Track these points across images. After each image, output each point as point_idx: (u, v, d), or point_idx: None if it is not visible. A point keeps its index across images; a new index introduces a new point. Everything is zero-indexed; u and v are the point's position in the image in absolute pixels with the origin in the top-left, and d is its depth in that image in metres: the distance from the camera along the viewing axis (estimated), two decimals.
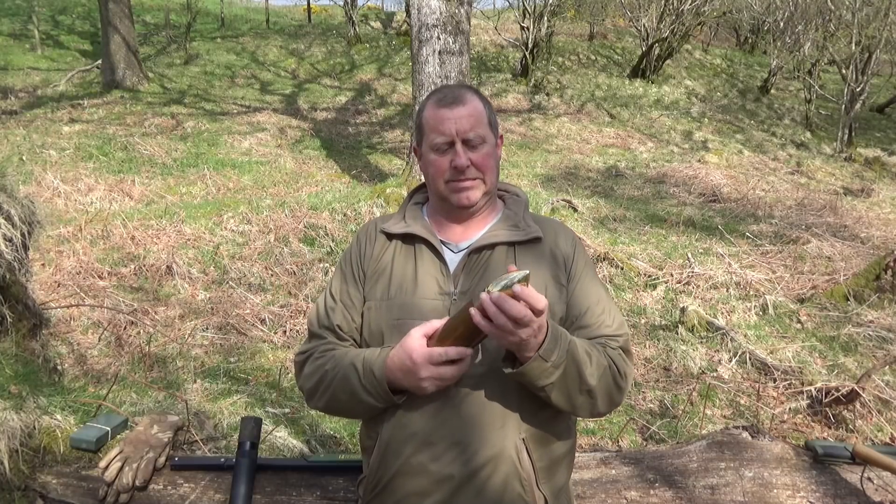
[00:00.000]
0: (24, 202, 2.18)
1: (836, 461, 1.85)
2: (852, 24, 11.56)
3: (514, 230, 1.48)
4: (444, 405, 1.36)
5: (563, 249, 1.49)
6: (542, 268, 1.45)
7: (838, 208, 7.89)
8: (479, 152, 1.44)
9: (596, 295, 1.47)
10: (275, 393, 3.49)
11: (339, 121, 11.31)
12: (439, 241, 1.47)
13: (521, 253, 1.46)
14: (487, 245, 1.45)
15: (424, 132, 1.47)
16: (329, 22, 18.09)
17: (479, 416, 1.36)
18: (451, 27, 6.67)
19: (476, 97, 1.47)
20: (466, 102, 1.44)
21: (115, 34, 10.96)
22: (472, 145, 1.43)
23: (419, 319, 1.36)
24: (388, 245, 1.51)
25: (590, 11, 16.91)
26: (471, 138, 1.43)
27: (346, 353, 1.43)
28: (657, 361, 4.18)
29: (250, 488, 1.66)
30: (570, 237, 1.54)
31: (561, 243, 1.50)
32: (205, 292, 4.70)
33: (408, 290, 1.43)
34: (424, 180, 1.55)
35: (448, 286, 1.42)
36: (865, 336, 4.44)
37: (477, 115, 1.44)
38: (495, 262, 1.44)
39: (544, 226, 1.52)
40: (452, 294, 1.41)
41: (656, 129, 12.20)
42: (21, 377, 2.01)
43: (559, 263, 1.47)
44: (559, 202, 7.12)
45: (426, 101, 1.48)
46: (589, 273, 1.50)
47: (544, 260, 1.47)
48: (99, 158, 7.85)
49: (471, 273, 1.43)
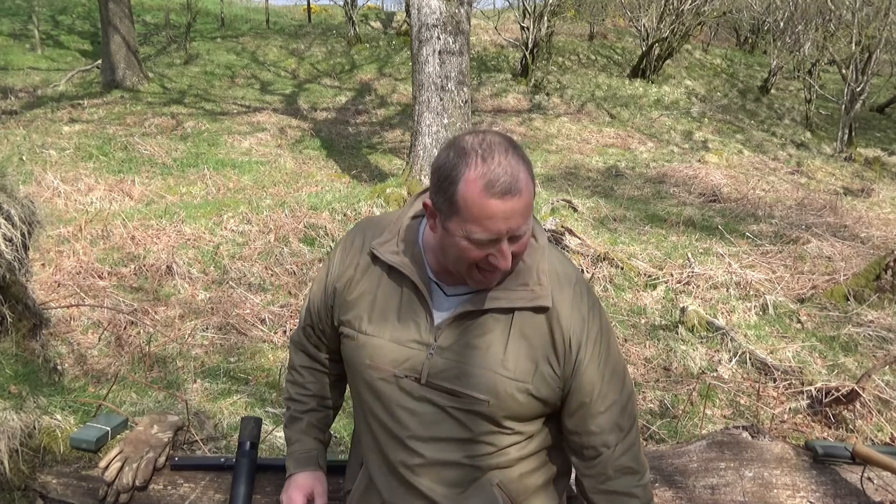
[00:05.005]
0: (24, 202, 2.18)
1: (836, 461, 1.85)
2: (852, 24, 11.56)
3: (520, 292, 1.24)
4: (406, 466, 1.31)
5: (566, 335, 1.25)
6: (535, 339, 1.25)
7: (838, 208, 7.89)
8: (520, 242, 1.19)
9: (595, 391, 1.28)
10: (275, 393, 3.49)
11: (339, 121, 11.31)
12: (429, 282, 1.29)
13: (521, 317, 1.25)
14: (484, 309, 1.25)
15: (461, 216, 1.14)
16: (329, 22, 18.09)
17: (449, 477, 1.30)
18: (451, 27, 6.67)
19: (529, 176, 1.15)
20: (522, 191, 1.12)
21: (115, 34, 10.96)
22: (517, 236, 1.17)
23: (385, 370, 1.28)
24: (374, 267, 1.33)
25: (590, 11, 16.91)
26: (520, 234, 1.17)
27: (301, 412, 1.52)
28: (657, 361, 4.17)
29: (250, 488, 1.66)
30: (581, 311, 1.27)
31: (564, 323, 1.25)
32: (205, 292, 4.70)
33: (384, 328, 1.29)
34: (434, 242, 1.27)
35: (428, 337, 1.26)
36: (865, 336, 4.44)
37: (530, 203, 1.15)
38: (490, 321, 1.25)
39: (556, 288, 1.26)
40: (431, 346, 1.26)
41: (656, 129, 12.20)
42: (21, 377, 2.01)
43: (555, 341, 1.26)
44: (559, 202, 7.12)
45: (468, 172, 1.12)
46: (598, 354, 1.28)
47: (543, 330, 1.26)
48: (99, 158, 7.85)
49: (457, 332, 1.26)
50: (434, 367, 1.26)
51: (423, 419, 1.28)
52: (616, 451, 1.30)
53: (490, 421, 1.27)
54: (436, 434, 1.28)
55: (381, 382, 1.30)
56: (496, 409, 1.25)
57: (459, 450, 1.29)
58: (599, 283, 5.12)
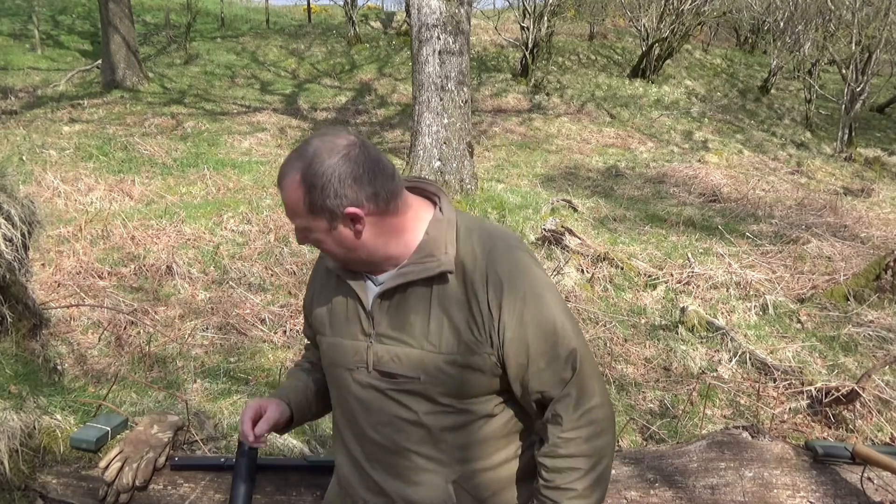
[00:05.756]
0: (24, 202, 2.18)
1: (836, 461, 1.85)
2: (852, 24, 11.56)
3: (426, 264, 1.25)
4: (365, 458, 1.37)
5: (481, 298, 1.24)
6: (454, 308, 1.25)
7: (838, 208, 7.89)
8: (300, 235, 1.29)
9: (531, 349, 1.24)
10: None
11: (339, 121, 11.31)
12: (361, 276, 1.33)
13: (440, 290, 1.26)
14: (400, 286, 1.27)
15: None
16: (329, 22, 18.09)
17: (400, 468, 1.33)
18: (451, 27, 6.67)
19: (298, 181, 1.20)
20: (283, 188, 1.23)
21: (116, 34, 10.96)
22: (295, 227, 1.28)
23: (342, 367, 1.34)
24: (330, 277, 1.40)
25: (590, 11, 16.91)
26: (295, 226, 1.28)
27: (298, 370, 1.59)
28: (657, 361, 4.17)
29: (250, 488, 1.66)
30: (500, 273, 1.24)
31: (478, 281, 1.24)
32: (205, 292, 4.70)
33: (339, 328, 1.36)
34: None
35: (369, 327, 1.31)
36: (865, 336, 4.44)
37: (292, 203, 1.22)
38: (411, 300, 1.27)
39: (470, 254, 1.26)
40: (371, 336, 1.30)
41: (656, 129, 12.20)
42: (21, 377, 2.00)
43: (472, 308, 1.24)
44: (559, 202, 7.13)
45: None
46: (523, 314, 1.23)
47: (460, 298, 1.25)
48: (99, 158, 7.85)
49: (386, 315, 1.29)
50: (376, 353, 1.30)
51: (371, 406, 1.32)
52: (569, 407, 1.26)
53: (428, 399, 1.27)
54: (381, 420, 1.32)
55: (342, 379, 1.37)
56: (429, 386, 1.26)
57: (406, 436, 1.31)
58: (599, 283, 5.12)
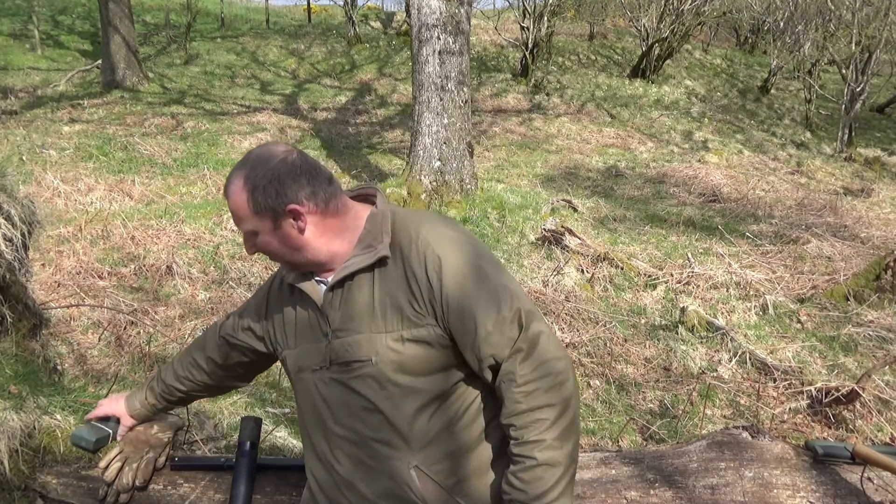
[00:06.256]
0: (24, 202, 2.17)
1: (836, 461, 1.84)
2: (852, 24, 11.55)
3: (365, 254, 1.33)
4: (333, 456, 1.39)
5: (418, 274, 1.29)
6: (395, 288, 1.31)
7: (838, 208, 7.89)
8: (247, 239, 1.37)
9: (477, 315, 1.27)
10: (275, 393, 3.49)
11: (339, 121, 11.31)
12: (310, 278, 1.39)
13: (381, 276, 1.33)
14: (346, 277, 1.34)
15: None
16: (329, 22, 18.09)
17: (364, 458, 1.35)
18: (451, 27, 6.67)
19: (241, 187, 1.31)
20: (229, 196, 1.32)
21: (116, 34, 10.96)
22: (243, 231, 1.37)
23: (308, 369, 1.40)
24: (284, 289, 1.48)
25: (590, 11, 16.91)
26: (243, 230, 1.36)
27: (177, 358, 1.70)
28: (657, 361, 4.17)
29: (250, 488, 1.66)
30: (435, 248, 1.30)
31: (415, 260, 1.30)
32: (205, 292, 4.70)
33: (302, 337, 1.42)
34: None
35: (325, 326, 1.37)
36: (865, 336, 4.44)
37: (237, 209, 1.33)
38: (356, 290, 1.34)
39: (406, 237, 1.33)
40: (328, 334, 1.36)
41: (656, 129, 12.20)
42: (21, 377, 2.00)
43: (411, 285, 1.30)
44: (559, 202, 7.13)
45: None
46: (464, 283, 1.28)
47: (400, 278, 1.31)
48: (99, 158, 7.85)
49: (339, 311, 1.35)
50: (333, 349, 1.35)
51: (334, 400, 1.36)
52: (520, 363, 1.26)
53: (384, 381, 1.31)
54: (342, 411, 1.35)
55: (307, 383, 1.41)
56: (383, 366, 1.30)
57: (365, 425, 1.33)
58: (599, 283, 5.12)
